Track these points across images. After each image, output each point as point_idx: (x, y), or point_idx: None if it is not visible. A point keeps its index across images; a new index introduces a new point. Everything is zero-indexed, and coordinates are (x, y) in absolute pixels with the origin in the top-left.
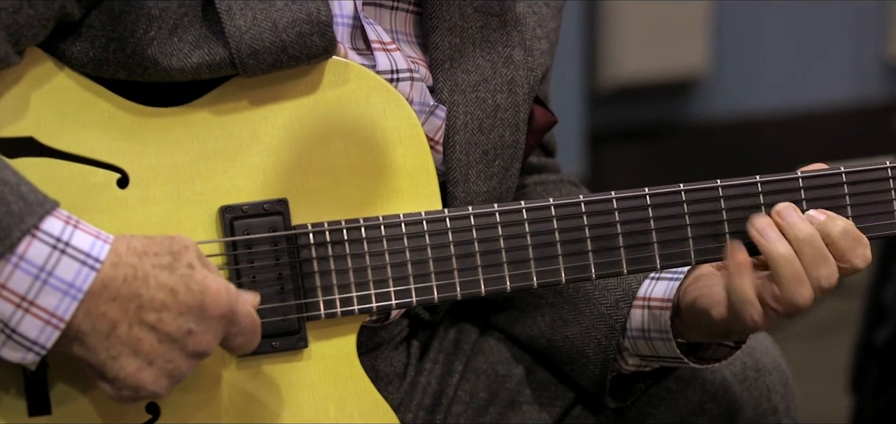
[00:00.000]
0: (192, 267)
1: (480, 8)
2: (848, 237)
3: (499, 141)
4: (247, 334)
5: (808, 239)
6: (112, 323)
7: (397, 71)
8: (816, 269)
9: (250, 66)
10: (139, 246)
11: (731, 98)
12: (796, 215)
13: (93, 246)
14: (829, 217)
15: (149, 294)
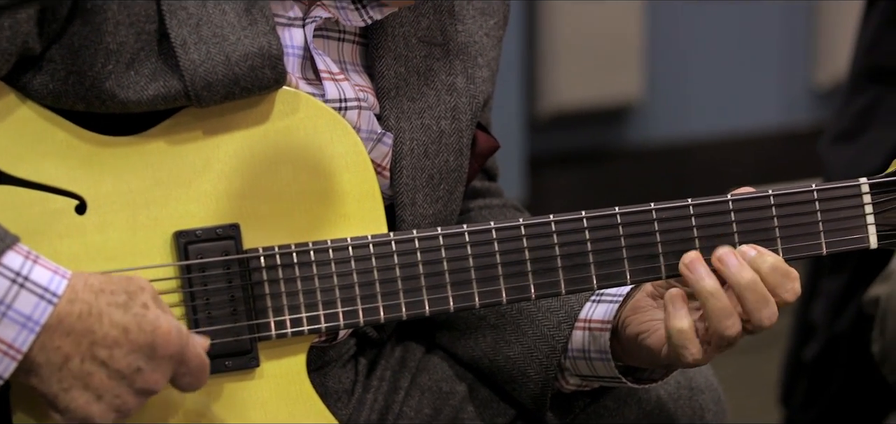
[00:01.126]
0: (147, 306)
1: (424, 38)
2: (777, 272)
3: (444, 165)
4: (195, 374)
5: (750, 284)
6: (65, 356)
7: (346, 100)
8: (759, 311)
9: (204, 98)
10: (96, 283)
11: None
12: (736, 260)
13: (51, 280)
14: (759, 253)
15: (102, 331)
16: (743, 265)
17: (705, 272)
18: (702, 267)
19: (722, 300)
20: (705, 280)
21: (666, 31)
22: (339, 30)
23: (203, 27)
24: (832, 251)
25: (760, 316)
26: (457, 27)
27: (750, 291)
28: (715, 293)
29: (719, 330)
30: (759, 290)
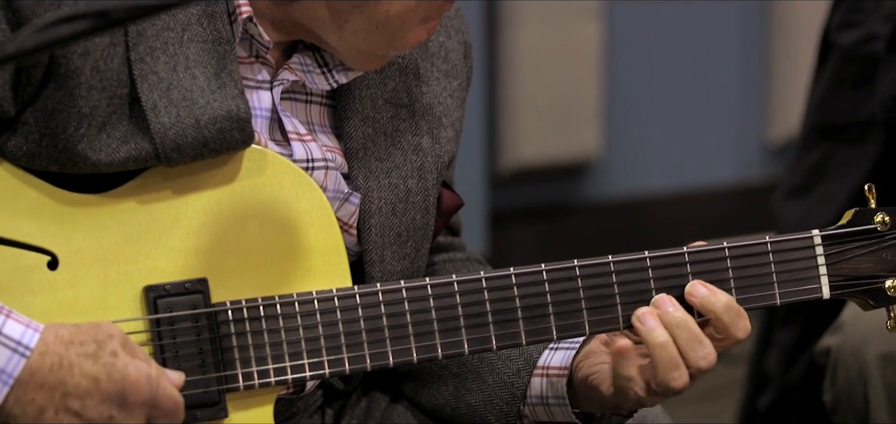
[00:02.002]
0: (116, 354)
1: (390, 99)
2: (730, 311)
3: (411, 223)
4: (169, 416)
5: (682, 323)
6: (40, 408)
7: (313, 160)
8: (693, 351)
9: (174, 160)
10: (66, 335)
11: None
12: (671, 304)
13: (23, 334)
14: (711, 292)
15: (73, 382)
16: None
17: (655, 325)
18: (653, 320)
19: (670, 350)
20: (656, 331)
21: (622, 90)
22: (306, 92)
23: (173, 91)
24: (786, 301)
25: (695, 355)
26: (422, 89)
27: (682, 329)
28: (664, 345)
29: (666, 380)
30: (691, 329)
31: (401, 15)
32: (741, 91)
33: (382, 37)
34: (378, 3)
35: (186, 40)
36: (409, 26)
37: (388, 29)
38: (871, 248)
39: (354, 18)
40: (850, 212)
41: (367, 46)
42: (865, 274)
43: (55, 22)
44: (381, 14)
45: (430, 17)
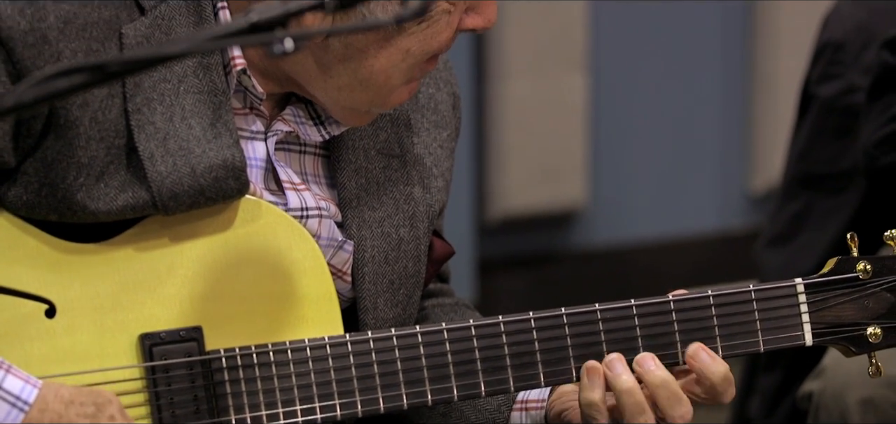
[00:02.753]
0: (113, 418)
1: (382, 150)
2: (726, 381)
3: (403, 271)
4: None
5: (663, 383)
6: None
7: (307, 209)
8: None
9: (171, 208)
10: (66, 395)
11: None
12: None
13: (22, 389)
14: (713, 359)
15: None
16: (659, 365)
17: (623, 369)
18: (620, 365)
19: (636, 396)
20: (622, 376)
21: (607, 141)
22: (300, 143)
23: (170, 141)
24: (769, 348)
25: (673, 413)
26: (413, 139)
27: (627, 395)
28: (630, 390)
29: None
30: (671, 389)
31: (384, 71)
32: (723, 141)
33: (366, 93)
34: (363, 60)
35: (182, 91)
36: (393, 84)
37: (372, 85)
38: (854, 296)
39: (340, 73)
40: (833, 261)
41: (352, 102)
42: (848, 322)
43: (53, 75)
44: (365, 70)
45: (413, 78)
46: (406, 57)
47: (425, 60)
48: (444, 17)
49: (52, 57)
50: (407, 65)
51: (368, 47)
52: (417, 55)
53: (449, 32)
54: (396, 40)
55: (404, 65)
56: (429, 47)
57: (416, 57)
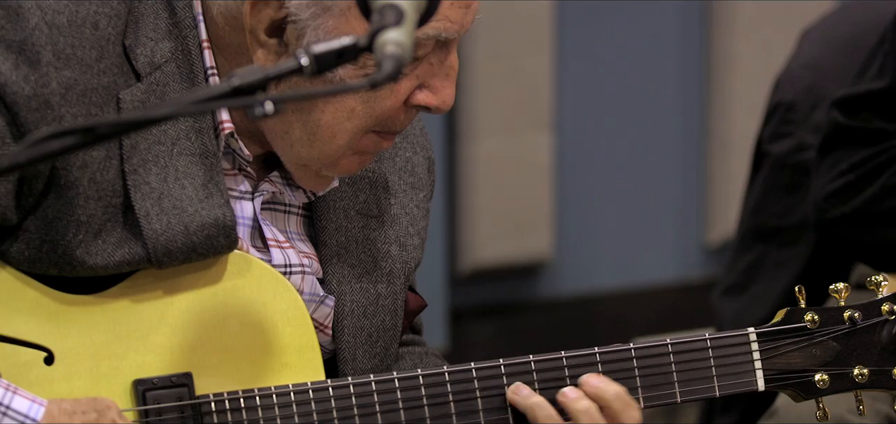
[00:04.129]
0: (115, 421)
1: (362, 211)
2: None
3: (381, 325)
4: None
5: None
6: None
7: (290, 265)
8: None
9: (165, 263)
10: (68, 407)
11: (573, 279)
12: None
13: (30, 408)
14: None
15: None
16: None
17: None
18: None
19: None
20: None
21: (573, 197)
22: (284, 203)
23: (164, 200)
24: (724, 393)
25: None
26: (390, 200)
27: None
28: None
29: None
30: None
31: (330, 127)
32: (682, 196)
33: (314, 149)
34: (312, 112)
35: (176, 153)
36: (339, 144)
37: (319, 140)
38: (802, 345)
39: (294, 127)
40: (783, 312)
41: (302, 157)
42: (797, 369)
43: (47, 137)
44: (313, 123)
45: (364, 151)
46: (351, 116)
47: (376, 131)
48: (387, 85)
49: (54, 120)
50: (353, 126)
51: (316, 102)
52: (362, 117)
53: (394, 101)
54: (341, 99)
55: (350, 125)
56: (373, 112)
57: (361, 118)
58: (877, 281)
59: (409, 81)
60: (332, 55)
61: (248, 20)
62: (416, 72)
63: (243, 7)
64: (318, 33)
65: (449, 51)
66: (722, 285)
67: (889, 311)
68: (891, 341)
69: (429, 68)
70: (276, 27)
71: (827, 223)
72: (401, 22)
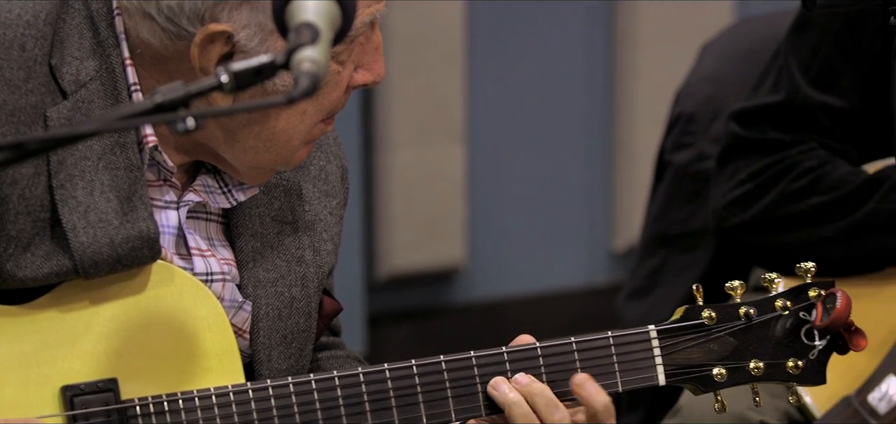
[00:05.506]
0: None
1: (276, 217)
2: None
3: (295, 327)
4: None
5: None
6: None
7: (212, 273)
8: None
9: (91, 274)
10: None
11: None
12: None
13: None
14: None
15: None
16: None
17: (508, 388)
18: (505, 384)
19: (522, 407)
20: (509, 395)
21: (484, 205)
22: (205, 211)
23: (90, 213)
24: (627, 388)
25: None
26: (304, 207)
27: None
28: (518, 402)
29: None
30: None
31: (285, 132)
32: (589, 205)
33: (270, 153)
34: (265, 123)
35: (101, 168)
36: (295, 144)
37: (276, 145)
38: (700, 340)
39: (245, 138)
40: (682, 309)
41: (258, 162)
42: (695, 363)
43: None
44: (268, 132)
45: (313, 138)
46: (304, 117)
47: (322, 119)
48: (333, 78)
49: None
50: (305, 125)
51: (270, 112)
52: (314, 114)
53: (340, 91)
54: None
55: (303, 125)
56: (323, 106)
57: (313, 116)
58: (770, 278)
59: (348, 69)
60: (251, 72)
61: (197, 61)
62: (353, 58)
63: (191, 50)
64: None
65: (374, 28)
66: (627, 289)
67: (782, 307)
68: (784, 335)
69: (361, 49)
70: (224, 59)
71: (726, 230)
72: (316, 40)
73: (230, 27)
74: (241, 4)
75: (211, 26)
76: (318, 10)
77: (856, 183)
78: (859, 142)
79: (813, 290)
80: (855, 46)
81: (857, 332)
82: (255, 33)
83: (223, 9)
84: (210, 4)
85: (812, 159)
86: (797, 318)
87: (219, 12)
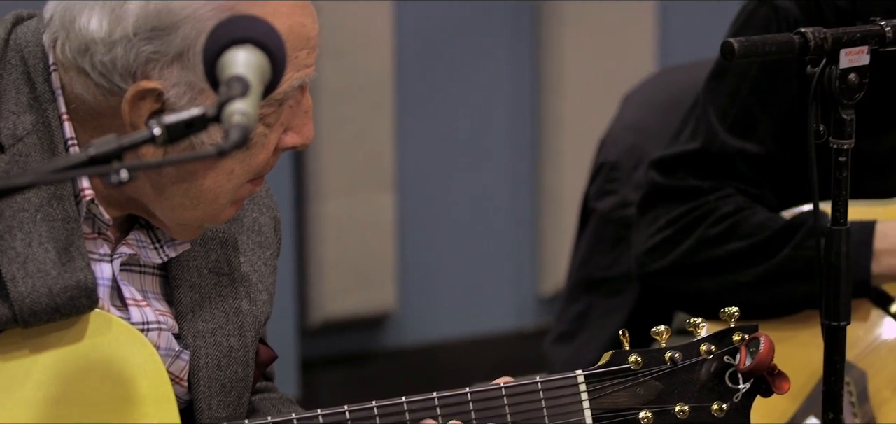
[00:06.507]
0: None
1: (213, 269)
2: None
3: (234, 376)
4: None
5: None
6: None
7: (147, 322)
8: None
9: (30, 323)
10: None
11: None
12: None
13: None
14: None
15: None
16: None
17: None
18: None
19: None
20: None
21: (415, 252)
22: (140, 265)
23: (29, 264)
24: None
25: None
26: (240, 259)
27: None
28: None
29: None
30: None
31: (212, 190)
32: (516, 250)
33: (197, 211)
34: (193, 181)
35: (39, 219)
36: (221, 203)
37: (202, 203)
38: (627, 384)
39: (173, 194)
40: (609, 354)
41: (185, 218)
42: (622, 407)
43: None
44: (195, 190)
45: (241, 198)
46: (231, 177)
47: (250, 180)
48: (261, 139)
49: None
50: (232, 184)
51: (198, 170)
52: (241, 175)
53: (267, 153)
54: (222, 163)
55: (230, 184)
56: (250, 167)
57: (240, 176)
58: (695, 322)
59: (276, 131)
60: (182, 125)
61: (127, 116)
62: (281, 120)
63: (122, 106)
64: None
65: (304, 92)
66: (554, 333)
67: (707, 351)
68: (709, 379)
69: (290, 112)
70: (154, 116)
71: (647, 275)
72: (246, 93)
73: (160, 85)
74: (172, 63)
75: (142, 83)
76: (248, 63)
77: (773, 229)
78: (777, 188)
79: (737, 334)
80: (771, 93)
81: (780, 375)
82: (184, 92)
83: (155, 67)
84: (142, 62)
85: (729, 205)
86: (721, 362)
87: (150, 70)
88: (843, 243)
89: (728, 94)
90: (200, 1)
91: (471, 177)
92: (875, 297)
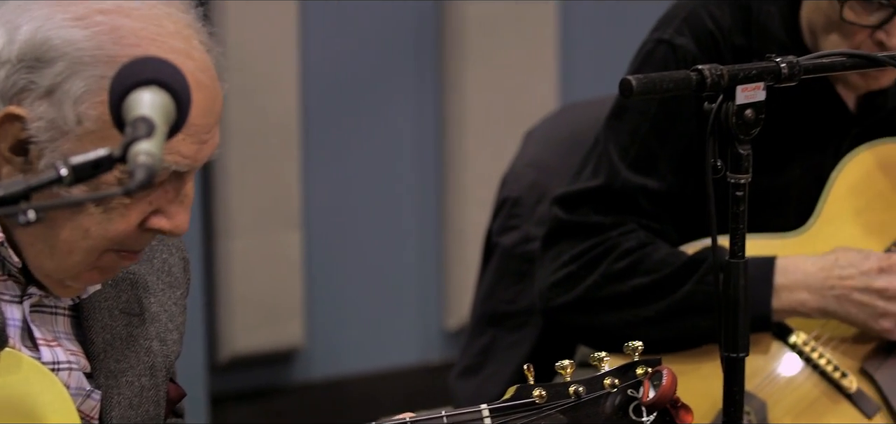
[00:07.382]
0: None
1: (124, 309)
2: None
3: (145, 415)
4: None
5: None
6: None
7: (58, 362)
8: None
9: None
10: None
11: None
12: None
13: None
14: None
15: None
16: None
17: None
18: None
19: None
20: None
21: (321, 289)
22: (52, 305)
23: None
24: None
25: None
26: (151, 300)
27: None
28: None
29: None
30: None
31: (67, 243)
32: (421, 286)
33: (53, 261)
34: (51, 228)
35: None
36: (75, 260)
37: (57, 255)
38: (531, 418)
39: (38, 241)
40: (513, 388)
41: (45, 268)
42: None
43: None
44: (52, 238)
45: (106, 267)
46: (86, 236)
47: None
48: (119, 208)
49: None
50: (87, 245)
51: (58, 218)
52: (97, 239)
53: (126, 225)
54: (77, 218)
55: (85, 244)
56: (107, 233)
57: (96, 240)
58: (598, 357)
59: (142, 207)
60: (89, 166)
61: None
62: (150, 199)
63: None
64: (54, 155)
65: (184, 181)
66: (459, 366)
67: (611, 385)
68: (613, 412)
69: (163, 195)
70: (19, 146)
71: (552, 310)
72: (152, 133)
73: (27, 113)
74: (43, 98)
75: (11, 108)
76: (153, 104)
77: (675, 264)
78: (678, 222)
79: (640, 368)
80: (670, 130)
81: (684, 407)
82: (46, 128)
83: (28, 96)
84: (19, 89)
85: (632, 241)
86: (625, 395)
87: (24, 97)
88: (741, 275)
89: (628, 133)
90: (83, 44)
91: (376, 214)
92: (775, 328)
